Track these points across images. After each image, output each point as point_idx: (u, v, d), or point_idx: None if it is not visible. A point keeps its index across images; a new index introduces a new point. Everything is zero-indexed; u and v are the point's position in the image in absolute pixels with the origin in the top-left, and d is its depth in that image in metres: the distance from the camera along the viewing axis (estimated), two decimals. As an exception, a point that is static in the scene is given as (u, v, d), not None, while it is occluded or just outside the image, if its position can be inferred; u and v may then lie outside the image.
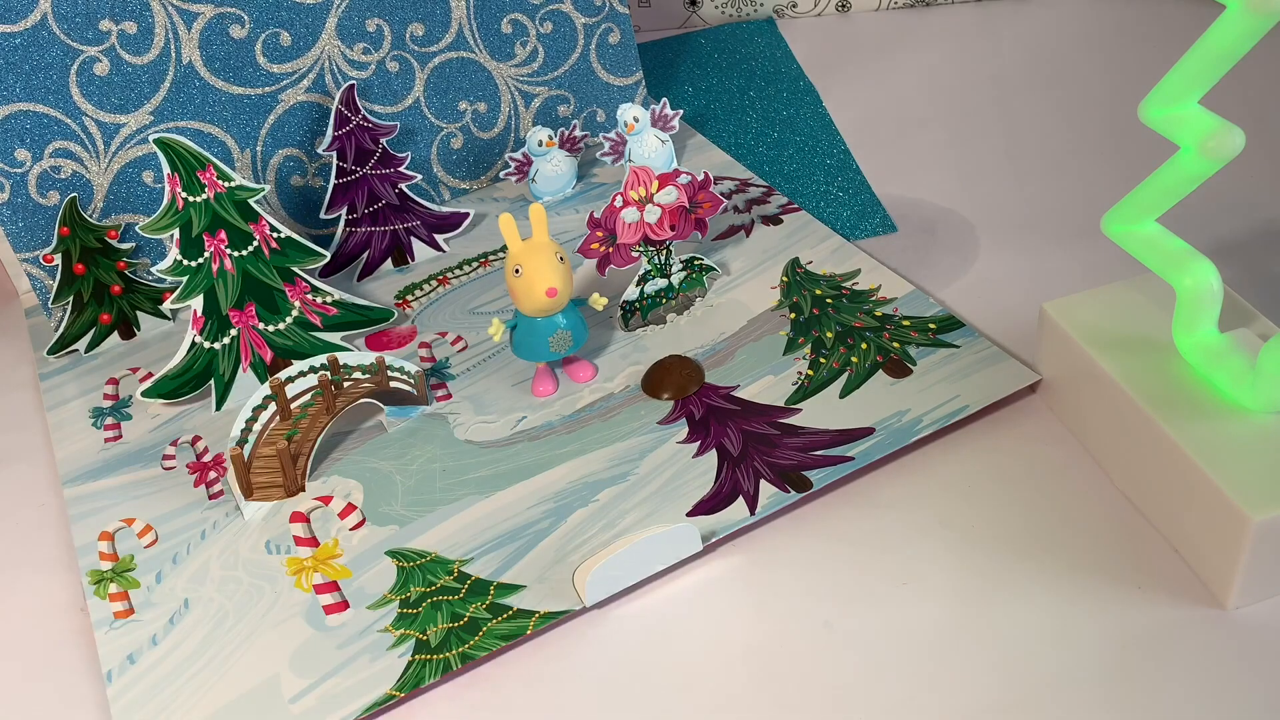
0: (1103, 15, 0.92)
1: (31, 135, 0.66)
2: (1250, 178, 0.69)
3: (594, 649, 0.48)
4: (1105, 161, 0.74)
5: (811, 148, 0.80)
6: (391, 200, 0.72)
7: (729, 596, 0.50)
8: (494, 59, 0.76)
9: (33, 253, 0.68)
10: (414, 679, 0.47)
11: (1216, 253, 0.50)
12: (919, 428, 0.55)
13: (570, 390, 0.61)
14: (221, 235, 0.61)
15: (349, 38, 0.71)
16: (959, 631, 0.47)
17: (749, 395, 0.59)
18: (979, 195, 0.73)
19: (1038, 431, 0.55)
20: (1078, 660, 0.45)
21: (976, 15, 0.94)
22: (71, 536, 0.56)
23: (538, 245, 0.57)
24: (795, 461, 0.54)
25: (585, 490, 0.55)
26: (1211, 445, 0.46)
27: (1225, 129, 0.44)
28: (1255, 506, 0.43)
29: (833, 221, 0.72)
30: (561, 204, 0.77)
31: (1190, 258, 0.48)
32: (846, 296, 0.64)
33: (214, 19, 0.68)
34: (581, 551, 0.52)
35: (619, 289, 0.66)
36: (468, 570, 0.52)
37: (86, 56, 0.66)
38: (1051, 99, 0.82)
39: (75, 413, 0.64)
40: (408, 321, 0.68)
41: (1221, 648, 0.45)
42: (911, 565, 0.50)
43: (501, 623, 0.49)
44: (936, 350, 0.60)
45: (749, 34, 0.96)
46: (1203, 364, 0.49)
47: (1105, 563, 0.49)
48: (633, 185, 0.61)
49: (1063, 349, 0.54)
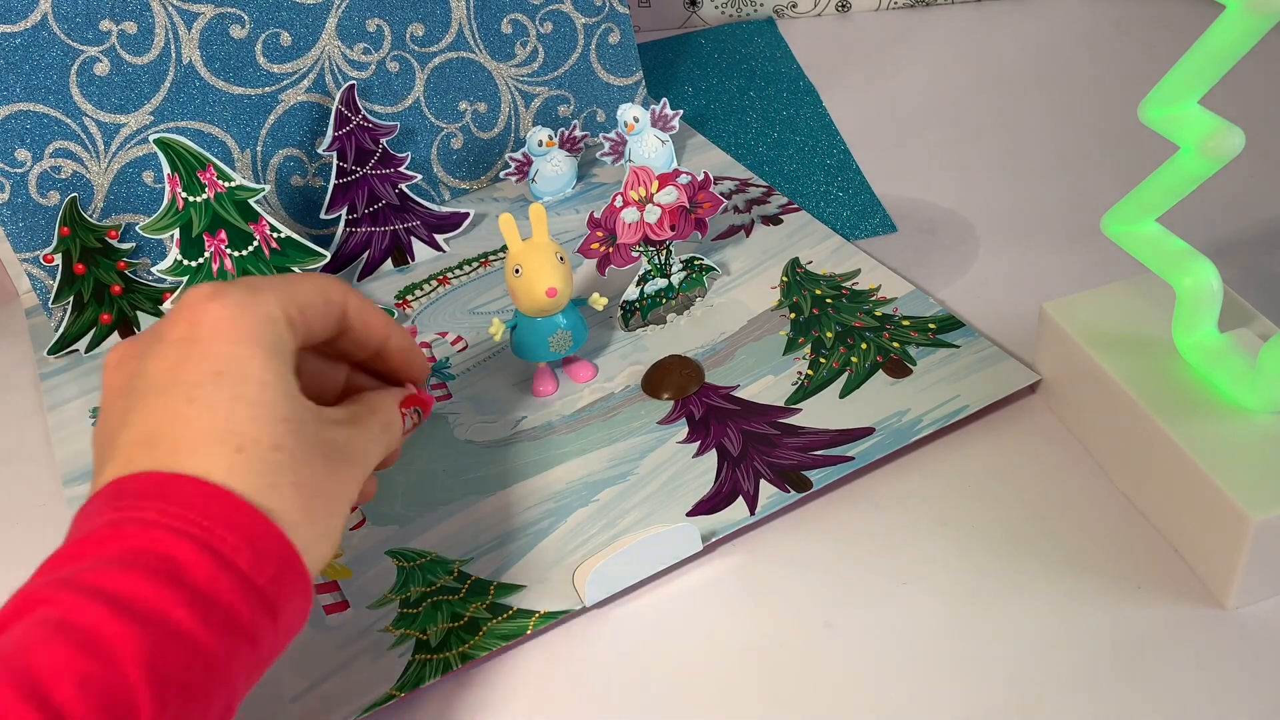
0: (1103, 15, 0.92)
1: (32, 135, 0.66)
2: (1250, 178, 0.69)
3: (594, 648, 0.48)
4: (1105, 161, 0.74)
5: (811, 148, 0.80)
6: (391, 200, 0.72)
7: (729, 596, 0.50)
8: (494, 59, 0.76)
9: (33, 253, 0.68)
10: (414, 679, 0.47)
11: (1216, 253, 0.50)
12: (919, 428, 0.55)
13: (570, 390, 0.61)
14: (222, 235, 0.61)
15: (349, 38, 0.71)
16: (959, 631, 0.47)
17: (749, 395, 0.59)
18: (979, 195, 0.73)
19: (1038, 431, 0.55)
20: (1077, 660, 0.45)
21: (976, 15, 0.94)
22: (72, 536, 0.56)
23: (538, 245, 0.57)
24: (795, 461, 0.54)
25: (585, 490, 0.55)
26: (1211, 445, 0.46)
27: (1225, 129, 0.44)
28: (1255, 506, 0.43)
29: (833, 221, 0.72)
30: (561, 204, 0.77)
31: (1190, 258, 0.48)
32: (846, 296, 0.64)
33: (214, 19, 0.68)
34: (581, 552, 0.52)
35: (619, 289, 0.66)
36: (468, 570, 0.52)
37: (87, 56, 0.66)
38: (1051, 99, 0.82)
39: (75, 413, 0.64)
40: (408, 321, 0.68)
41: (1221, 648, 0.45)
42: (911, 565, 0.50)
43: (502, 623, 0.49)
44: (936, 350, 0.60)
45: (749, 34, 0.96)
46: (1203, 364, 0.49)
47: (1105, 563, 0.49)
48: (633, 185, 0.61)
49: (1062, 349, 0.54)
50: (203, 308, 0.40)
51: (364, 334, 0.45)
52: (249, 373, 0.39)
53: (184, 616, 0.34)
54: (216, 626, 0.34)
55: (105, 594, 0.33)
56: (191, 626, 0.34)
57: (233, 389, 0.38)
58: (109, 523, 0.35)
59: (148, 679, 0.32)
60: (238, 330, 0.39)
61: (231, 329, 0.39)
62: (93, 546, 0.35)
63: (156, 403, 0.38)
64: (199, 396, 0.38)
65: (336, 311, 0.44)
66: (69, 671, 0.31)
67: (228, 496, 0.36)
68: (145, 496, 0.36)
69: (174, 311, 0.41)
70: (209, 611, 0.34)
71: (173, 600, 0.33)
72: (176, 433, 0.37)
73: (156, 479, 0.36)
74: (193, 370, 0.38)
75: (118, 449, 0.38)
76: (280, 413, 0.39)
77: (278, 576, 0.36)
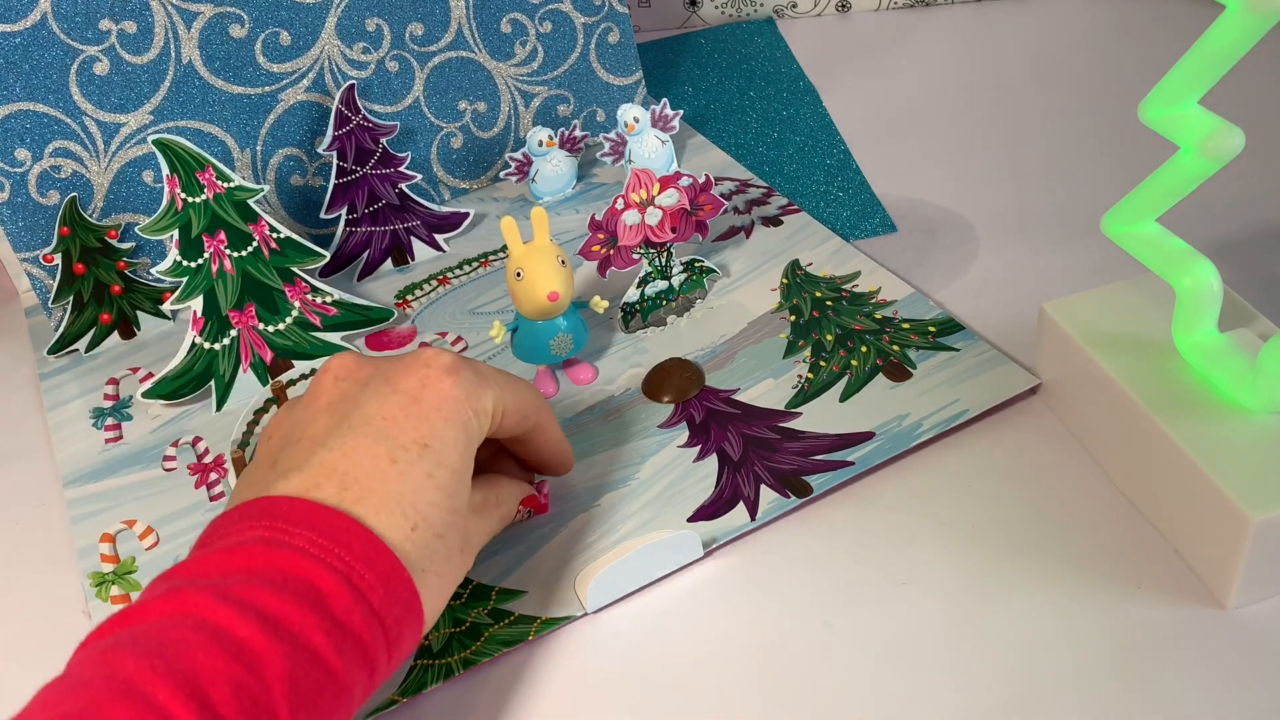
0: (1103, 15, 0.92)
1: (31, 135, 0.66)
2: (1250, 178, 0.69)
3: (595, 651, 0.48)
4: (1105, 161, 0.74)
5: (811, 148, 0.80)
6: (391, 200, 0.72)
7: (729, 596, 0.50)
8: (494, 59, 0.76)
9: (33, 252, 0.68)
10: (416, 684, 0.47)
11: (1216, 253, 0.50)
12: (919, 432, 0.55)
13: (571, 393, 0.61)
14: (221, 236, 0.61)
15: (349, 37, 0.71)
16: (959, 631, 0.47)
17: (749, 398, 0.59)
18: (979, 195, 0.73)
19: (1038, 431, 0.55)
20: (1077, 660, 0.45)
21: (976, 15, 0.94)
22: (73, 538, 0.56)
23: (539, 249, 0.57)
24: (795, 466, 0.54)
25: (586, 495, 0.55)
26: (1211, 445, 0.46)
27: (1225, 129, 0.44)
28: (1255, 506, 0.43)
29: (833, 221, 0.72)
30: (561, 204, 0.77)
31: (1190, 258, 0.48)
32: (846, 299, 0.64)
33: (214, 18, 0.68)
34: (583, 557, 0.52)
35: (620, 291, 0.66)
36: (469, 575, 0.52)
37: (86, 56, 0.66)
38: (1051, 99, 0.82)
39: (75, 413, 0.64)
40: (408, 321, 0.68)
41: (1221, 648, 0.45)
42: (911, 565, 0.50)
43: (503, 628, 0.49)
44: (936, 353, 0.60)
45: (749, 34, 0.96)
46: (1203, 364, 0.49)
47: (1105, 563, 0.49)
48: (634, 187, 0.61)
49: (1063, 349, 0.54)
50: (437, 378, 0.43)
51: (537, 448, 0.50)
52: (447, 458, 0.42)
53: (323, 642, 0.36)
54: (347, 654, 0.37)
55: (257, 610, 0.35)
56: (328, 653, 0.36)
57: (431, 466, 0.42)
58: (261, 540, 0.38)
59: (288, 696, 0.34)
60: (456, 413, 0.43)
61: (452, 409, 0.43)
62: (243, 559, 0.37)
63: (364, 445, 0.41)
64: (401, 459, 0.41)
65: (530, 425, 0.48)
66: (225, 677, 0.33)
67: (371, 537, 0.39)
68: (299, 525, 0.38)
69: (413, 362, 0.44)
70: (343, 640, 0.37)
71: (315, 626, 0.36)
72: (371, 485, 0.40)
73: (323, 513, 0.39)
74: (407, 432, 0.42)
75: (311, 465, 0.41)
76: (455, 503, 0.42)
77: (402, 617, 0.39)
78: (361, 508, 0.40)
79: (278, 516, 0.39)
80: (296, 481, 0.40)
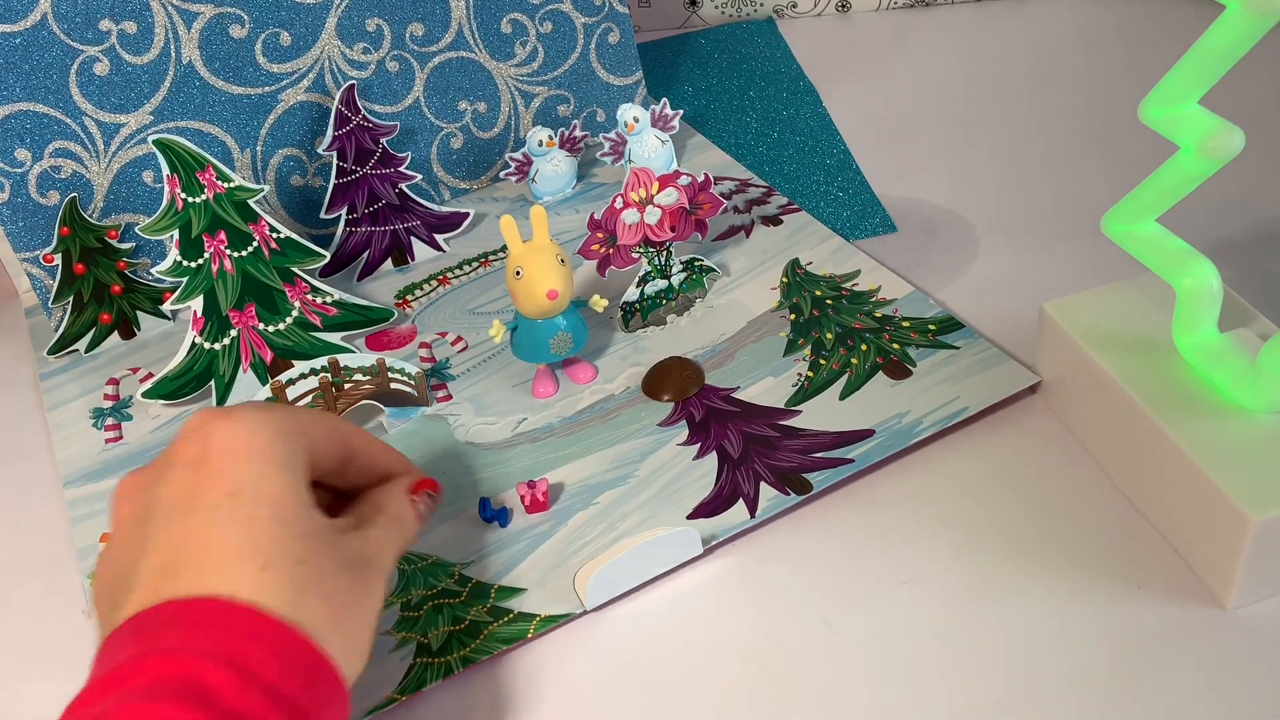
0: (1103, 15, 0.92)
1: (31, 135, 0.66)
2: (1250, 178, 0.69)
3: (595, 650, 0.48)
4: (1105, 161, 0.74)
5: (811, 148, 0.80)
6: (391, 200, 0.72)
7: (729, 596, 0.50)
8: (494, 59, 0.76)
9: (33, 252, 0.68)
10: (415, 682, 0.47)
11: (1216, 253, 0.50)
12: (918, 430, 0.55)
13: (571, 392, 0.61)
14: (221, 236, 0.61)
15: (349, 38, 0.71)
16: (959, 631, 0.47)
17: (749, 397, 0.59)
18: (979, 195, 0.73)
19: (1038, 431, 0.55)
20: (1077, 660, 0.45)
21: (976, 15, 0.94)
22: (73, 538, 0.56)
23: (539, 247, 0.57)
24: (795, 464, 0.54)
25: (586, 493, 0.55)
26: (1211, 445, 0.46)
27: (1225, 129, 0.44)
28: (1255, 506, 0.43)
29: (833, 221, 0.72)
30: (561, 204, 0.77)
31: (1190, 258, 0.48)
32: (846, 297, 0.64)
33: (214, 19, 0.68)
34: (582, 555, 0.52)
35: (619, 290, 0.66)
36: (469, 573, 0.52)
37: (86, 56, 0.66)
38: (1051, 99, 0.82)
39: (76, 413, 0.64)
40: (408, 321, 0.68)
41: (1221, 648, 0.45)
42: (911, 565, 0.50)
43: (503, 626, 0.49)
44: (936, 352, 0.60)
45: (749, 34, 0.96)
46: (1203, 364, 0.49)
47: (1105, 563, 0.49)
48: (633, 187, 0.61)
49: (1063, 349, 0.54)
50: (213, 429, 0.40)
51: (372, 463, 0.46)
52: (265, 490, 0.39)
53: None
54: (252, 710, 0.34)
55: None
56: None
57: (251, 507, 0.38)
58: (130, 658, 0.35)
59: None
60: (251, 448, 0.40)
61: (245, 447, 0.40)
62: (116, 683, 0.34)
63: (175, 528, 0.38)
64: (218, 517, 0.38)
65: (340, 437, 0.44)
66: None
67: (250, 613, 0.36)
68: (166, 625, 0.36)
69: (182, 436, 0.41)
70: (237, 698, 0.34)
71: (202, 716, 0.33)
72: (199, 556, 0.37)
73: (177, 606, 0.36)
74: (209, 492, 0.39)
75: (138, 581, 0.38)
76: (301, 528, 0.39)
77: (309, 685, 0.36)
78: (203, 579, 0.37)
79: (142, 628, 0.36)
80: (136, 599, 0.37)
